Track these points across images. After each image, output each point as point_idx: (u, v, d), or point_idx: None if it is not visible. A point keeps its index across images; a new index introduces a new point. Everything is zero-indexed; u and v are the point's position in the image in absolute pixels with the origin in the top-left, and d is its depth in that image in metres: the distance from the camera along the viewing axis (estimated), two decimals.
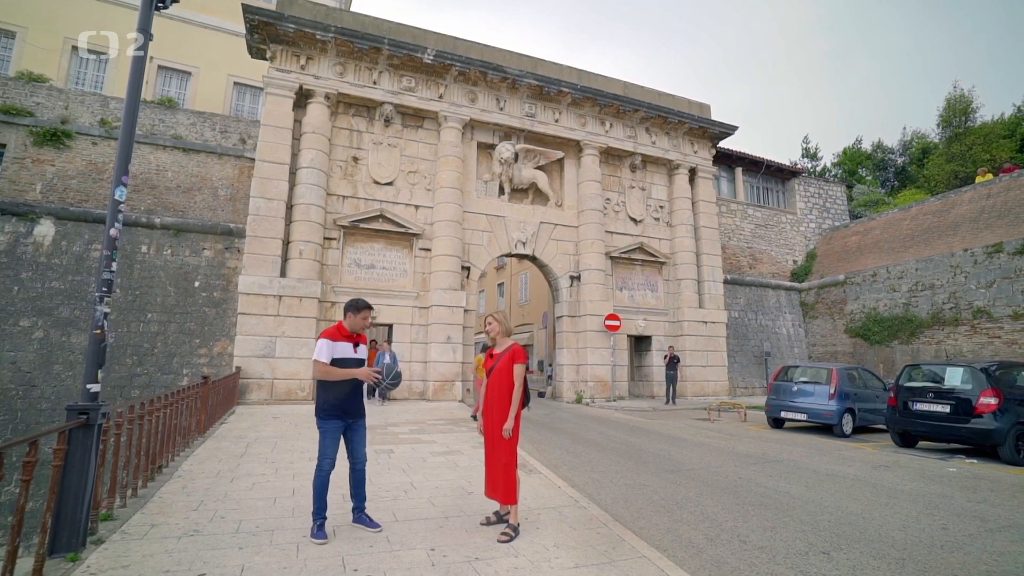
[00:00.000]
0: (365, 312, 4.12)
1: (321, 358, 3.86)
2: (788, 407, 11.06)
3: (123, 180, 3.96)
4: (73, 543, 3.32)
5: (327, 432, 3.90)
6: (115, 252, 3.91)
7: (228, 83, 19.27)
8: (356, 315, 4.07)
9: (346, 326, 4.06)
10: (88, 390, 3.63)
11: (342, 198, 14.12)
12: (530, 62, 16.59)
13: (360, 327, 4.11)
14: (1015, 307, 15.03)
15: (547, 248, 16.50)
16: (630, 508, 5.14)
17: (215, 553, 3.45)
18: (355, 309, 4.08)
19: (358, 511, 4.06)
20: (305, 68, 13.92)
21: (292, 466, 5.98)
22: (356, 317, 4.07)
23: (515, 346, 4.15)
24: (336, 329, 4.02)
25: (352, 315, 4.07)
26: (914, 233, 19.42)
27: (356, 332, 4.10)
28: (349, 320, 4.07)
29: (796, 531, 4.53)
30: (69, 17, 17.32)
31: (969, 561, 3.91)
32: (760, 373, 20.12)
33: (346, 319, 4.09)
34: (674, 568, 3.50)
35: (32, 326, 11.54)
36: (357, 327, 4.10)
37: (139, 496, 4.57)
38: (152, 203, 13.80)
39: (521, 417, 4.18)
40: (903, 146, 36.24)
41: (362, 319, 4.10)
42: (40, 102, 13.50)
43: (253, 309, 12.37)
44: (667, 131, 18.55)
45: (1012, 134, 27.50)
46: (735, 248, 22.09)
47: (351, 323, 4.07)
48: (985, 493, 6.03)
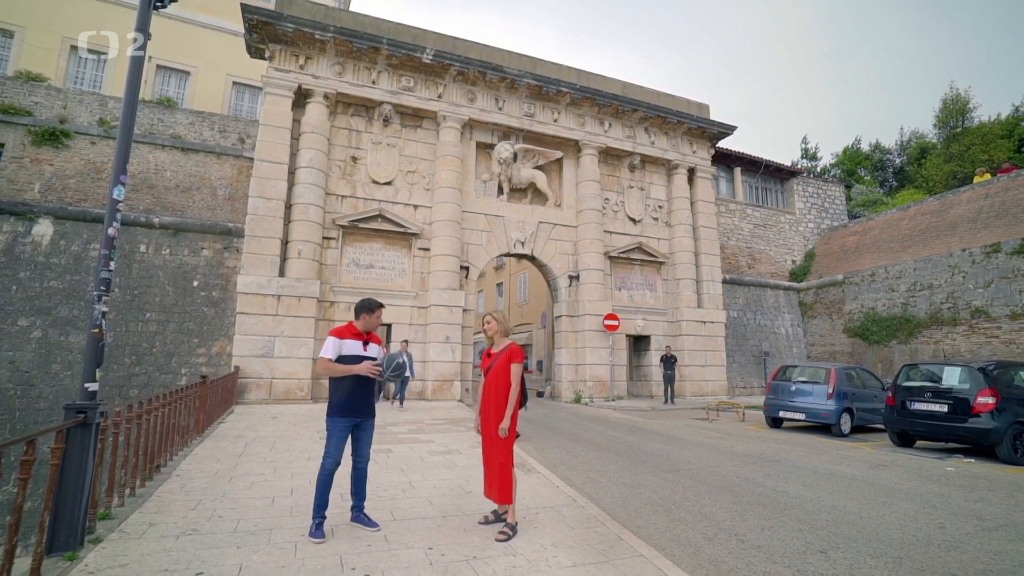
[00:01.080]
0: (379, 311, 4.15)
1: (327, 355, 3.89)
2: (786, 407, 11.08)
3: (121, 179, 3.96)
4: (71, 542, 3.32)
5: (335, 430, 3.91)
6: (113, 251, 3.91)
7: (227, 83, 19.26)
8: (371, 315, 4.10)
9: (359, 326, 4.08)
10: (86, 389, 3.63)
11: (341, 198, 14.12)
12: (529, 62, 16.60)
13: (374, 326, 4.15)
14: (1013, 307, 15.06)
15: (546, 248, 16.51)
16: (628, 507, 5.15)
17: (213, 552, 3.45)
18: (369, 310, 4.10)
19: (357, 510, 4.07)
20: (304, 68, 13.92)
21: (290, 465, 5.98)
22: (371, 317, 4.10)
23: (513, 345, 4.15)
24: (346, 328, 4.05)
25: (367, 316, 4.09)
26: (912, 233, 19.44)
27: (368, 331, 4.13)
28: (363, 321, 4.09)
29: (794, 530, 4.54)
30: (68, 16, 17.31)
31: (966, 560, 3.92)
32: (759, 373, 20.14)
33: (359, 320, 4.10)
34: (672, 567, 3.51)
35: (30, 325, 11.52)
36: (371, 326, 4.13)
37: (137, 495, 4.57)
38: (151, 203, 13.79)
39: (519, 417, 4.19)
40: (901, 146, 36.32)
41: (376, 319, 4.13)
42: (39, 101, 13.48)
43: (252, 309, 12.36)
44: (666, 131, 18.56)
45: (1010, 134, 27.56)
46: (734, 248, 22.11)
47: (365, 323, 4.10)
48: (982, 492, 6.05)
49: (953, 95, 29.96)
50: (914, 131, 35.77)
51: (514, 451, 4.16)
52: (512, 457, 4.04)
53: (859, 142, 38.31)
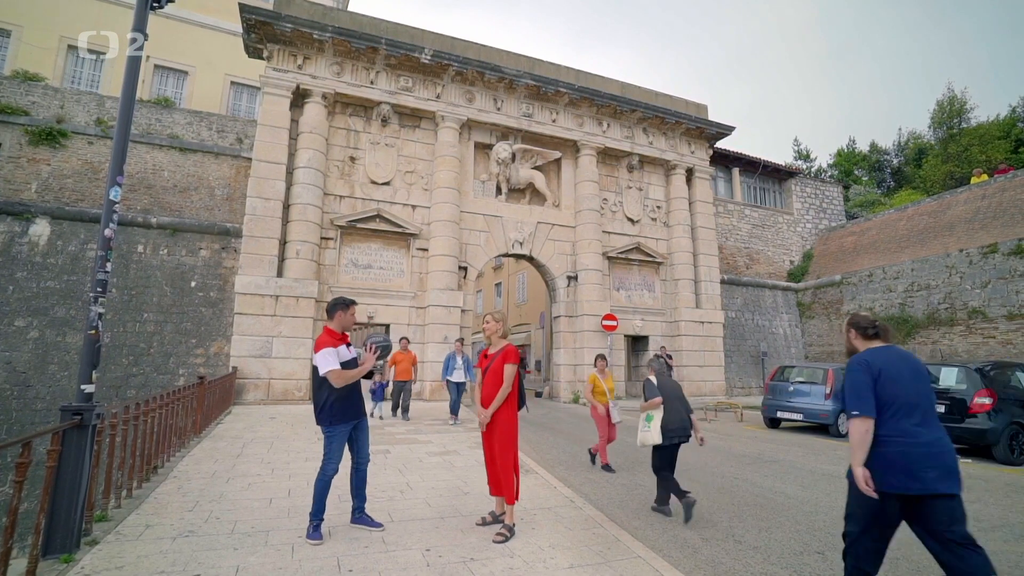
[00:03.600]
0: (353, 308, 4.14)
1: (335, 366, 3.83)
2: (784, 407, 11.09)
3: (118, 180, 3.95)
4: (67, 544, 3.31)
5: (336, 437, 3.89)
6: (110, 252, 3.90)
7: (225, 82, 19.23)
8: (346, 312, 4.07)
9: (335, 327, 4.03)
10: (83, 391, 3.62)
11: (339, 198, 14.10)
12: (527, 62, 16.59)
13: (350, 324, 4.12)
14: (1010, 307, 15.10)
15: (544, 248, 16.51)
16: (625, 508, 5.15)
17: (210, 554, 3.44)
18: (344, 306, 4.06)
19: (358, 511, 4.06)
20: (302, 68, 13.90)
21: (288, 466, 5.97)
22: (346, 315, 4.07)
23: (509, 347, 4.19)
24: (329, 336, 3.96)
25: (342, 314, 4.05)
26: (910, 234, 19.49)
27: (344, 330, 4.11)
28: (338, 320, 4.04)
29: (791, 531, 4.55)
30: (65, 15, 17.27)
31: None
32: (757, 373, 20.17)
33: (334, 320, 4.05)
34: (669, 568, 3.51)
35: (27, 326, 11.48)
36: (347, 324, 4.10)
37: (134, 497, 4.56)
38: (148, 203, 13.76)
39: (518, 418, 4.19)
40: (898, 147, 36.42)
41: (351, 316, 4.11)
42: (35, 101, 13.43)
43: (250, 309, 12.34)
44: (664, 131, 18.57)
45: (1007, 135, 27.65)
46: (732, 248, 22.14)
47: (341, 321, 4.05)
48: (979, 493, 6.06)
49: (949, 96, 30.07)
50: (911, 132, 35.92)
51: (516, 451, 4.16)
52: (513, 458, 4.04)
53: (854, 143, 38.43)
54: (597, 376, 7.13)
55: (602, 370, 7.24)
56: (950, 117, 29.59)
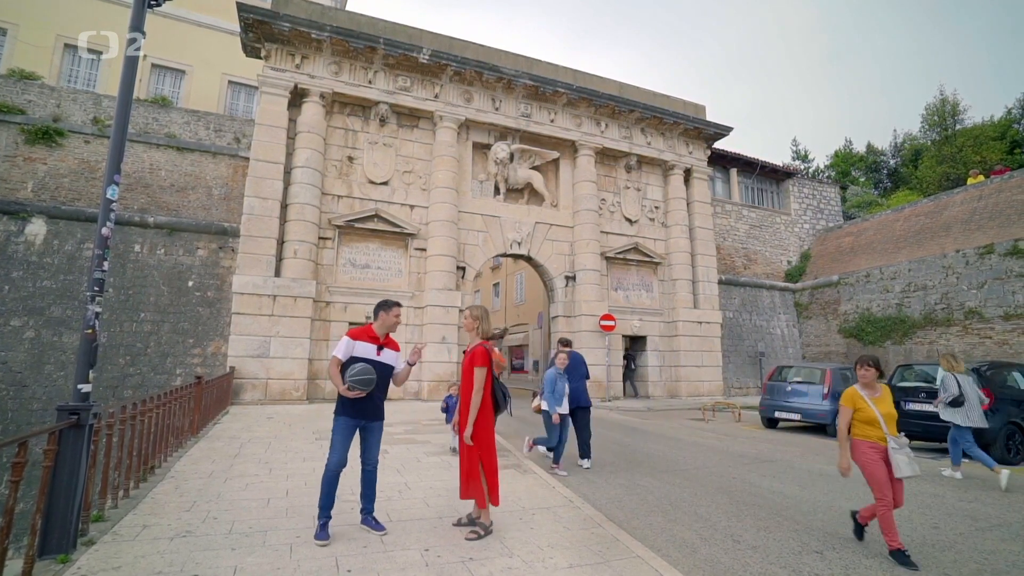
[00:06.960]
0: (396, 310, 4.11)
1: (337, 354, 3.89)
2: (782, 407, 11.11)
3: (115, 179, 3.93)
4: (63, 544, 3.29)
5: (339, 429, 3.90)
6: (107, 251, 3.88)
7: (222, 82, 19.19)
8: (387, 314, 4.06)
9: (376, 327, 4.04)
10: (79, 390, 3.60)
11: (337, 198, 14.07)
12: (526, 62, 16.59)
13: (392, 326, 4.10)
14: (1006, 308, 15.16)
15: (542, 248, 16.50)
16: (624, 508, 5.15)
17: (208, 554, 3.43)
18: (385, 308, 4.06)
19: (366, 512, 4.04)
20: (300, 67, 13.87)
21: (286, 466, 5.95)
22: (387, 316, 4.06)
23: (478, 347, 4.01)
24: (364, 329, 4.01)
25: (383, 315, 4.05)
26: (907, 234, 19.55)
27: (386, 333, 4.08)
28: (380, 321, 4.06)
29: (789, 530, 4.55)
30: (61, 14, 17.20)
31: (960, 560, 3.94)
32: (754, 373, 20.21)
33: (376, 320, 4.07)
34: (668, 568, 3.51)
35: (23, 326, 11.43)
36: (389, 325, 4.08)
37: (131, 497, 4.53)
38: (145, 202, 13.71)
39: (494, 420, 4.10)
40: (895, 148, 36.58)
41: (394, 316, 4.09)
42: (32, 100, 13.38)
43: (247, 309, 12.30)
44: (662, 132, 18.59)
45: (1003, 136, 27.79)
46: (730, 248, 22.18)
47: (382, 323, 4.06)
48: (976, 492, 6.08)
49: (940, 99, 30.26)
50: (907, 133, 36.09)
51: (496, 453, 4.09)
52: (477, 465, 3.94)
53: (850, 143, 38.62)
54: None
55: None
56: (942, 119, 29.75)
